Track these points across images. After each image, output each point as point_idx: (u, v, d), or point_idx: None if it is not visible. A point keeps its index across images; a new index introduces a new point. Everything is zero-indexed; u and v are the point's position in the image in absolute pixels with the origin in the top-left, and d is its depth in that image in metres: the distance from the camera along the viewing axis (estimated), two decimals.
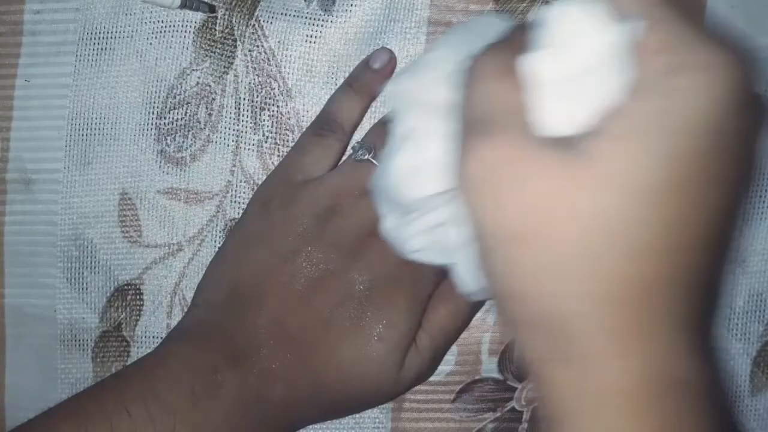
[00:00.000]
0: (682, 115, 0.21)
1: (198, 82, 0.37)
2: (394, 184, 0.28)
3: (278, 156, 0.37)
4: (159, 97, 0.38)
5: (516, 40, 0.24)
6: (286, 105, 0.37)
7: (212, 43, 0.37)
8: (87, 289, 0.39)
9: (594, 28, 0.22)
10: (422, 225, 0.29)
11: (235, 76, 0.37)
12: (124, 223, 0.38)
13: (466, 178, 0.23)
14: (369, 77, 0.36)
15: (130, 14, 0.38)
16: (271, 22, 0.37)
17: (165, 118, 0.38)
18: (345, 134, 0.36)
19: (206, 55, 0.37)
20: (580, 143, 0.22)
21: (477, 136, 0.23)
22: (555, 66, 0.22)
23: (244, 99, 0.37)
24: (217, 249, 0.37)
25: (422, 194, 0.28)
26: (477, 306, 0.37)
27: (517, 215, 0.22)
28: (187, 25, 0.37)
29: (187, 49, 0.37)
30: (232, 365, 0.32)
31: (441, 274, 0.35)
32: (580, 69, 0.22)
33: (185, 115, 0.38)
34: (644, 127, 0.21)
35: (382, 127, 0.35)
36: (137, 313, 0.39)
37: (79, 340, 0.39)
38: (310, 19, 0.37)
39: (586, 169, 0.21)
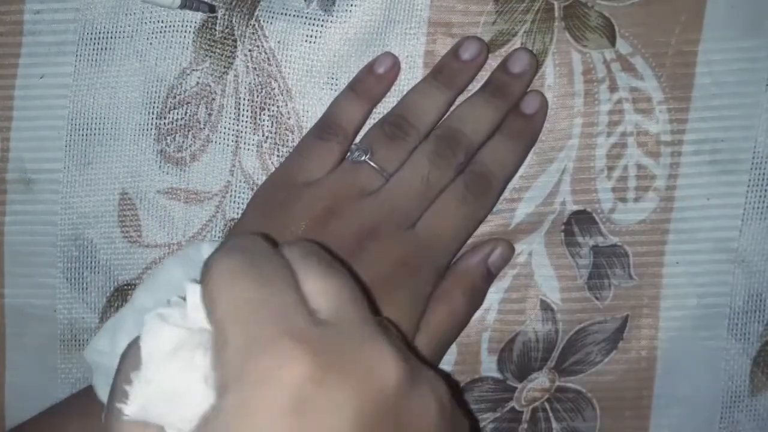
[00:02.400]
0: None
1: (198, 82, 0.37)
2: None
3: (278, 156, 0.37)
4: (159, 97, 0.38)
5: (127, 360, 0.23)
6: (286, 105, 0.37)
7: (212, 43, 0.37)
8: (87, 289, 0.39)
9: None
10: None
11: (235, 76, 0.37)
12: (124, 223, 0.38)
13: None
14: (372, 82, 0.36)
15: (130, 14, 0.38)
16: (271, 22, 0.37)
17: (165, 118, 0.38)
18: (347, 138, 0.36)
19: (206, 55, 0.37)
20: None
21: None
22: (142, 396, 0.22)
23: (244, 99, 0.37)
24: None
25: None
26: (476, 305, 0.37)
27: None
28: (187, 25, 0.37)
29: (187, 49, 0.37)
30: None
31: (439, 275, 0.35)
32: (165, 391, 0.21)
33: (185, 115, 0.38)
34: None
35: (380, 128, 0.36)
36: None
37: (79, 340, 0.39)
38: (310, 19, 0.37)
39: None
